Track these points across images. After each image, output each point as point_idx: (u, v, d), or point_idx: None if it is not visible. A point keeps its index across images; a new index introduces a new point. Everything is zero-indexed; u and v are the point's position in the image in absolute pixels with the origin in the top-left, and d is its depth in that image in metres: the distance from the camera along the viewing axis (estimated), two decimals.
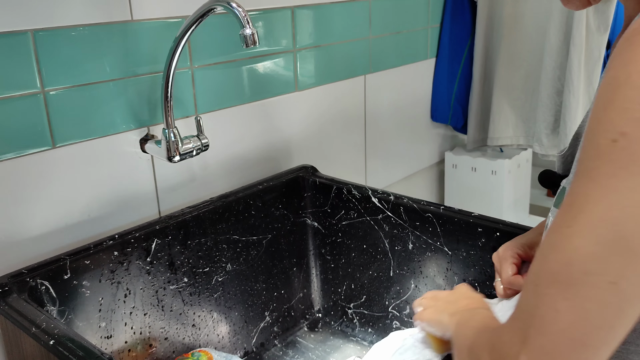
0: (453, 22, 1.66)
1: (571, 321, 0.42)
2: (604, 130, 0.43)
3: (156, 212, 1.06)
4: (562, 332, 0.43)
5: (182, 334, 1.04)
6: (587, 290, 0.42)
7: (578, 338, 0.42)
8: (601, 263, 0.42)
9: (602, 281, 0.42)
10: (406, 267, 1.10)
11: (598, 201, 0.42)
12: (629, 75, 0.42)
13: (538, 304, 0.44)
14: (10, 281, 0.82)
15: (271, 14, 1.18)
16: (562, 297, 0.43)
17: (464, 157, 1.74)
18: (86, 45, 0.92)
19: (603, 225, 0.42)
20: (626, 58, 0.43)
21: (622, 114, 0.42)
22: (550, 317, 0.43)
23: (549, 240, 0.45)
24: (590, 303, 0.42)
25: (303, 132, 1.32)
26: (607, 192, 0.42)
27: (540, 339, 0.43)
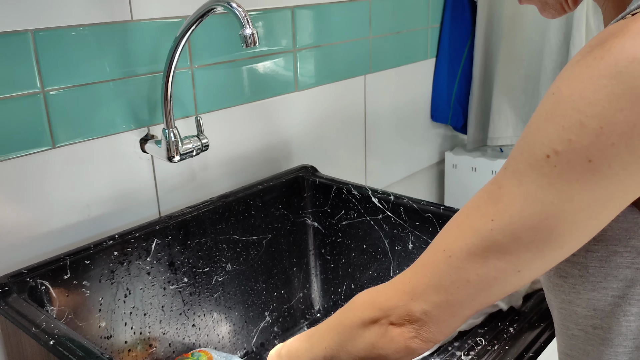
0: (453, 22, 1.66)
1: (477, 290, 0.51)
2: (540, 142, 0.46)
3: (156, 212, 1.06)
4: (468, 295, 0.52)
5: (182, 334, 1.04)
6: (496, 272, 0.50)
7: (477, 300, 0.52)
8: (513, 256, 0.49)
9: (510, 269, 0.49)
10: (406, 267, 1.09)
11: (522, 208, 0.47)
12: (570, 93, 0.44)
13: (450, 271, 0.52)
14: (10, 281, 0.82)
15: (271, 14, 1.18)
16: (474, 273, 0.51)
17: (464, 157, 1.74)
18: (86, 45, 0.92)
19: (522, 229, 0.47)
20: (574, 73, 0.44)
21: (558, 132, 0.44)
22: (459, 283, 0.51)
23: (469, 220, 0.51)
24: (496, 281, 0.50)
25: (303, 132, 1.32)
26: (531, 201, 0.46)
27: (447, 295, 0.52)
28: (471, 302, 0.52)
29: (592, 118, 0.43)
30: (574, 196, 0.45)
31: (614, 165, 0.43)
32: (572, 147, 0.44)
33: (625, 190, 0.45)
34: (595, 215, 0.46)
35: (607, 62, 0.42)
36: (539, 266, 0.50)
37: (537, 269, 0.50)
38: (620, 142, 0.42)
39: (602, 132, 0.42)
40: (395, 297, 0.57)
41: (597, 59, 0.43)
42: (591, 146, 0.43)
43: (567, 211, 0.45)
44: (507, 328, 0.75)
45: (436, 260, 0.54)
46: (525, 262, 0.49)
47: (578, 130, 0.43)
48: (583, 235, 0.48)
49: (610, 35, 0.44)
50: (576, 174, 0.44)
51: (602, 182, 0.44)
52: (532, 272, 0.50)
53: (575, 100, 0.43)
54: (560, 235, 0.47)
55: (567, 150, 0.44)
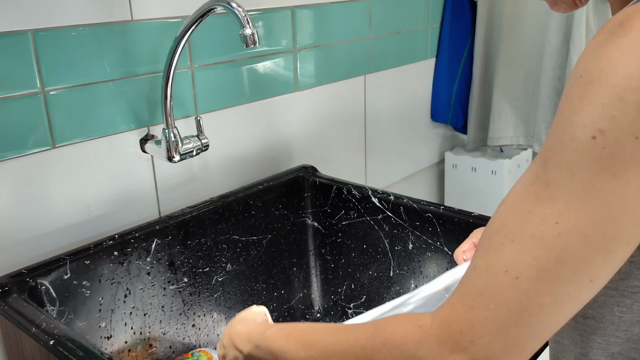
0: (453, 22, 1.66)
1: (551, 314, 0.44)
2: (581, 124, 0.43)
3: (156, 212, 1.06)
4: (541, 323, 0.45)
5: (182, 334, 1.04)
6: (570, 287, 0.44)
7: (550, 327, 0.45)
8: (586, 264, 0.44)
9: (584, 279, 0.44)
10: (406, 267, 1.10)
11: (585, 200, 0.43)
12: (602, 71, 0.42)
13: (519, 297, 0.44)
14: (10, 281, 0.82)
15: (271, 14, 1.18)
16: (547, 293, 0.44)
17: (464, 157, 1.74)
18: (86, 45, 0.92)
19: (591, 226, 0.43)
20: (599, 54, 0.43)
21: (599, 110, 0.42)
22: (532, 310, 0.44)
23: (527, 230, 0.45)
24: (570, 298, 0.44)
25: (303, 132, 1.32)
26: (593, 191, 0.42)
27: (517, 330, 0.45)
28: (542, 332, 0.45)
29: (630, 92, 0.41)
30: (629, 179, 0.42)
31: None
32: (617, 124, 0.41)
33: None
34: None
35: (632, 38, 0.42)
36: (609, 271, 0.45)
37: (607, 275, 0.45)
38: None
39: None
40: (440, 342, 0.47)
41: (621, 36, 0.43)
42: (635, 121, 0.41)
43: (628, 198, 0.42)
44: None
45: (499, 286, 0.45)
46: (598, 268, 0.44)
47: (619, 105, 0.41)
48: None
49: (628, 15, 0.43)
50: (627, 154, 0.41)
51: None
52: (603, 279, 0.45)
53: (608, 76, 0.42)
54: (627, 228, 0.43)
55: (612, 128, 0.41)
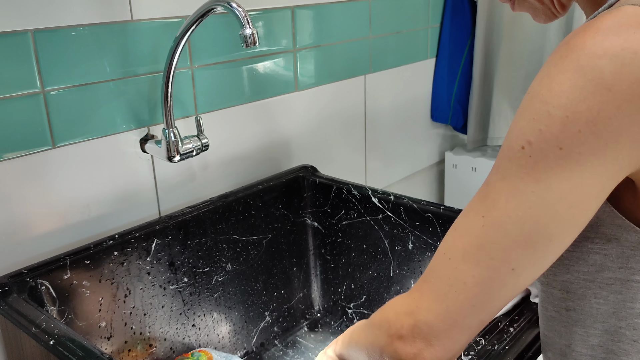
0: (453, 22, 1.66)
1: (475, 293, 0.51)
2: (515, 136, 0.49)
3: (156, 212, 1.06)
4: (466, 300, 0.51)
5: (182, 334, 1.04)
6: (491, 272, 0.50)
7: (478, 305, 0.52)
8: (505, 253, 0.50)
9: (504, 267, 0.50)
10: (406, 267, 1.10)
11: (507, 200, 0.49)
12: (540, 89, 0.48)
13: (448, 274, 0.52)
14: (10, 281, 0.82)
15: (271, 14, 1.18)
16: (470, 274, 0.51)
17: (464, 157, 1.74)
18: (86, 45, 0.92)
19: (509, 222, 0.49)
20: (544, 72, 0.48)
21: (530, 124, 0.48)
22: (457, 287, 0.52)
23: (464, 219, 0.53)
24: (492, 282, 0.51)
25: (303, 132, 1.32)
26: (514, 193, 0.49)
27: (446, 301, 0.52)
28: (471, 308, 0.52)
29: (558, 108, 0.46)
30: (551, 184, 0.47)
31: (584, 151, 0.46)
32: (542, 137, 0.47)
33: (599, 177, 0.47)
34: (577, 204, 0.48)
35: (570, 59, 0.46)
36: (533, 264, 0.50)
37: (531, 267, 0.50)
38: (586, 129, 0.45)
39: (568, 120, 0.45)
40: (403, 307, 0.56)
41: (562, 57, 0.47)
42: (560, 134, 0.46)
43: (548, 200, 0.47)
44: (507, 328, 0.75)
45: (438, 265, 0.54)
46: (518, 259, 0.49)
47: (546, 120, 0.46)
48: (569, 225, 0.49)
49: (574, 35, 0.47)
50: (550, 162, 0.47)
51: (575, 169, 0.46)
52: (528, 271, 0.51)
53: (543, 94, 0.47)
54: (547, 226, 0.48)
55: (538, 140, 0.47)
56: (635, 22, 0.45)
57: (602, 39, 0.45)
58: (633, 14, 0.45)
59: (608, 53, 0.44)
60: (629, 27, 0.45)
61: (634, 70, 0.44)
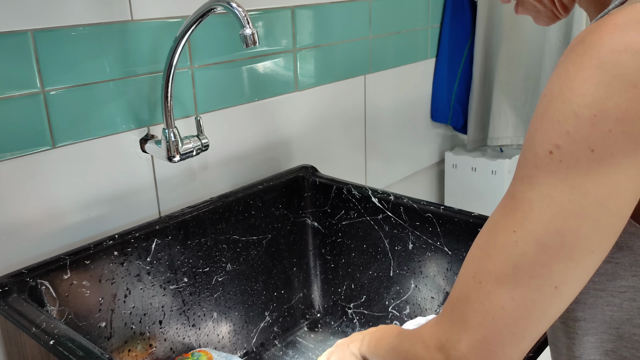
0: (453, 22, 1.66)
1: (516, 318, 0.47)
2: (540, 141, 0.46)
3: (156, 212, 1.06)
4: (505, 327, 0.47)
5: (182, 334, 1.04)
6: (532, 292, 0.46)
7: (519, 332, 0.47)
8: (546, 269, 0.46)
9: (546, 285, 0.46)
10: (406, 267, 1.10)
11: (542, 211, 0.45)
12: (560, 89, 0.45)
13: (482, 300, 0.48)
14: (10, 281, 0.82)
15: (271, 14, 1.18)
16: (508, 297, 0.47)
17: (464, 157, 1.74)
18: (86, 45, 0.92)
19: (547, 235, 0.45)
20: (560, 72, 0.46)
21: (555, 126, 0.45)
22: (494, 313, 0.47)
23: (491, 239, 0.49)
24: (535, 304, 0.46)
25: (303, 132, 1.32)
26: (549, 202, 0.45)
27: (482, 331, 0.47)
28: (511, 337, 0.47)
29: (584, 108, 0.43)
30: (588, 190, 0.44)
31: (616, 152, 0.43)
32: (572, 139, 0.44)
33: (632, 181, 0.44)
34: (615, 211, 0.45)
35: (590, 56, 0.44)
36: (576, 279, 0.47)
37: (574, 282, 0.47)
38: (616, 128, 0.43)
39: (596, 119, 0.43)
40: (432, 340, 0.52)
41: (579, 54, 0.45)
42: (590, 135, 0.43)
43: (587, 207, 0.44)
44: None
45: (467, 290, 0.49)
46: (560, 275, 0.46)
47: (574, 121, 0.44)
48: (609, 234, 0.46)
49: (588, 33, 0.46)
50: (583, 166, 0.44)
51: (609, 172, 0.44)
52: (571, 288, 0.47)
53: (565, 94, 0.44)
54: (588, 237, 0.45)
55: (568, 143, 0.44)
56: None
57: (621, 35, 0.43)
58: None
59: (629, 49, 0.43)
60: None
61: None
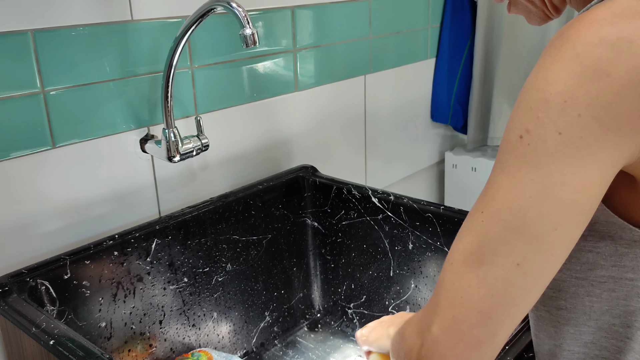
0: (453, 22, 1.66)
1: (480, 296, 0.47)
2: (513, 128, 0.48)
3: (156, 212, 1.06)
4: (472, 305, 0.48)
5: (182, 334, 1.04)
6: (495, 269, 0.47)
7: (485, 311, 0.48)
8: (507, 246, 0.47)
9: (508, 262, 0.47)
10: (406, 267, 1.10)
11: (507, 191, 0.47)
12: (536, 80, 0.47)
13: (452, 279, 0.49)
14: (10, 281, 0.82)
15: (271, 14, 1.18)
16: (474, 275, 0.48)
17: (464, 157, 1.74)
18: (86, 45, 0.92)
19: (510, 212, 0.47)
20: (539, 64, 0.48)
21: (527, 113, 0.47)
22: (462, 292, 0.48)
23: (465, 222, 0.51)
24: (498, 281, 0.47)
25: (303, 132, 1.32)
26: (514, 182, 0.47)
27: (452, 310, 0.49)
28: (478, 315, 0.48)
29: (555, 95, 0.45)
30: (552, 169, 0.45)
31: (585, 135, 0.45)
32: (541, 123, 0.46)
33: (602, 162, 0.46)
34: (580, 189, 0.46)
35: (566, 48, 0.46)
36: (539, 257, 0.47)
37: (537, 260, 0.47)
38: (586, 113, 0.44)
39: (566, 105, 0.45)
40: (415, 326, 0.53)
41: (557, 47, 0.47)
42: (559, 119, 0.45)
43: (549, 186, 0.46)
44: None
45: (443, 274, 0.51)
46: (521, 252, 0.46)
47: (544, 106, 0.46)
48: (574, 213, 0.46)
49: (567, 27, 0.47)
50: (549, 148, 0.45)
51: (576, 154, 0.45)
52: (535, 267, 0.47)
53: (540, 84, 0.47)
54: (550, 214, 0.46)
55: (537, 127, 0.46)
56: (630, 13, 0.45)
57: (597, 29, 0.45)
58: (627, 5, 0.45)
59: (604, 42, 0.44)
60: (624, 18, 0.45)
61: (630, 57, 0.44)
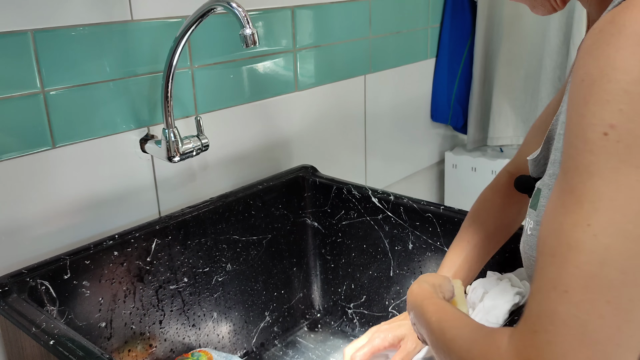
0: (453, 22, 1.66)
1: (618, 325, 0.40)
2: (590, 125, 0.42)
3: (156, 212, 1.06)
4: (610, 339, 0.40)
5: (182, 334, 1.04)
6: (628, 289, 0.40)
7: (624, 342, 0.40)
8: (636, 260, 0.40)
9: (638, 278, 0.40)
10: (406, 267, 1.10)
11: (612, 197, 0.40)
12: (602, 70, 0.42)
13: (575, 313, 0.40)
14: (10, 281, 0.82)
15: (271, 14, 1.18)
16: (604, 301, 0.40)
17: (464, 157, 1.74)
18: (86, 45, 0.92)
19: (627, 220, 0.40)
20: (596, 55, 0.43)
21: (605, 107, 0.41)
22: (595, 325, 0.40)
23: (563, 241, 0.42)
24: (633, 303, 0.40)
25: (303, 132, 1.32)
26: (617, 186, 0.40)
27: (585, 351, 0.40)
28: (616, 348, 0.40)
29: (633, 84, 0.41)
30: None
31: None
32: (626, 117, 0.40)
33: None
34: None
35: (626, 34, 0.42)
36: None
37: None
38: None
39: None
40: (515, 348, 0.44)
41: (614, 34, 0.42)
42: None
43: None
44: None
45: (551, 305, 0.41)
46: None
47: (625, 98, 0.41)
48: None
49: (617, 14, 0.43)
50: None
51: None
52: None
53: (609, 74, 0.42)
54: None
55: (623, 121, 0.41)
56: None
57: None
58: None
59: None
60: None
61: None
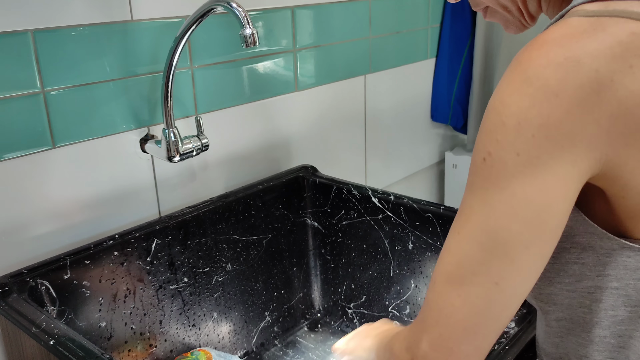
0: (453, 22, 1.66)
1: (465, 314, 0.50)
2: (477, 150, 0.50)
3: (156, 212, 1.06)
4: (457, 323, 0.51)
5: (182, 334, 1.04)
6: (475, 289, 0.50)
7: (470, 327, 0.51)
8: (485, 266, 0.49)
9: (487, 281, 0.50)
10: (406, 267, 1.10)
11: (478, 213, 0.49)
12: (494, 102, 0.49)
13: (436, 299, 0.52)
14: (10, 281, 0.82)
15: (271, 14, 1.18)
16: (456, 294, 0.51)
17: (464, 157, 1.74)
18: (86, 45, 0.92)
19: (483, 234, 0.49)
20: (497, 88, 0.50)
21: (488, 136, 0.49)
22: (447, 311, 0.51)
23: (445, 243, 0.53)
24: (479, 300, 0.50)
25: (303, 132, 1.32)
26: (483, 204, 0.49)
27: (438, 328, 0.52)
28: (464, 332, 0.51)
29: (510, 117, 0.47)
30: (515, 191, 0.47)
31: (541, 155, 0.47)
32: (500, 146, 0.48)
33: (562, 179, 0.47)
34: (545, 207, 0.48)
35: (519, 71, 0.48)
36: (517, 277, 0.50)
37: (513, 279, 0.50)
38: (539, 133, 0.46)
39: (520, 126, 0.47)
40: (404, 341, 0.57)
41: (512, 70, 0.49)
42: (515, 141, 0.47)
43: (515, 206, 0.48)
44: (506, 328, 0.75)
45: (428, 293, 0.54)
46: (498, 271, 0.49)
47: (501, 129, 0.48)
48: (543, 231, 0.49)
49: (523, 50, 0.50)
50: (510, 169, 0.48)
51: (536, 173, 0.47)
52: (512, 285, 0.50)
53: (497, 107, 0.49)
54: (520, 234, 0.48)
55: (497, 149, 0.48)
56: (578, 32, 0.47)
57: (546, 51, 0.47)
58: (576, 25, 0.47)
59: (552, 63, 0.46)
60: (571, 38, 0.47)
61: (577, 76, 0.45)
